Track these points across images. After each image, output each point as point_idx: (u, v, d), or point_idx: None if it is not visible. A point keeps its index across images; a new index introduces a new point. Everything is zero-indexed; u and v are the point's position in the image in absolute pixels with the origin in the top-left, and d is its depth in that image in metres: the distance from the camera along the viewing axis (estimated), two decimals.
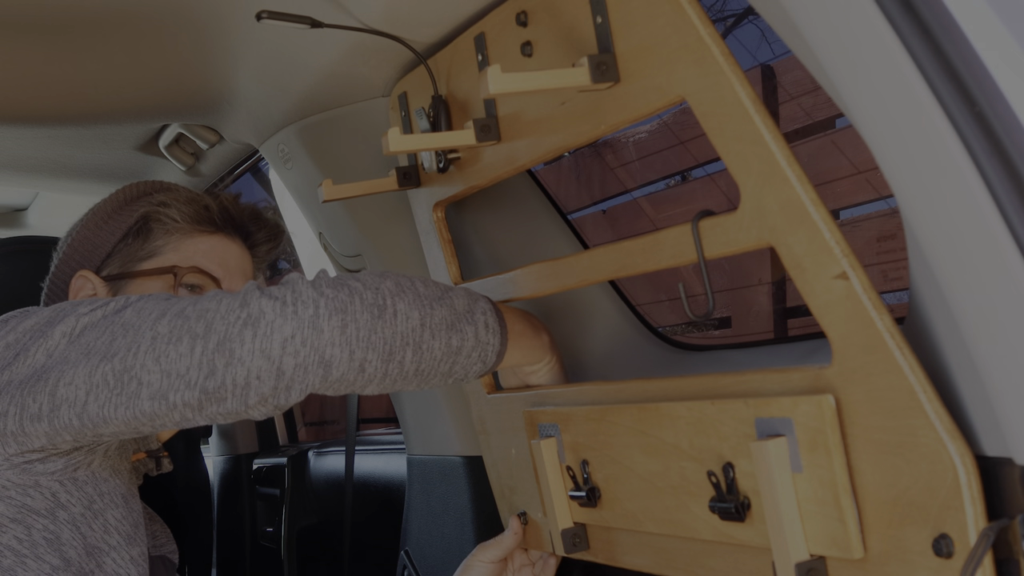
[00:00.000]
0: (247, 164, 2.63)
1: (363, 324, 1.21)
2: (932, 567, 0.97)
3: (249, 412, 1.22)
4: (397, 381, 1.27)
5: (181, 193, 1.64)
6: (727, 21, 3.24)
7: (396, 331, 1.23)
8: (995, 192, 0.83)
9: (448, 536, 1.96)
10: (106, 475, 1.43)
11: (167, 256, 1.60)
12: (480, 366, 1.35)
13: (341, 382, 1.23)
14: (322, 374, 1.20)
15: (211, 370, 1.19)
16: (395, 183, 1.71)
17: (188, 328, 1.20)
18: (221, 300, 1.22)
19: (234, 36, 1.72)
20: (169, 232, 1.61)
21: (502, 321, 1.36)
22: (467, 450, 1.92)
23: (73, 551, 1.36)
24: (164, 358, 1.20)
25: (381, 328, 1.22)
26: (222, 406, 1.21)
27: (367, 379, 1.24)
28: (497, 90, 1.20)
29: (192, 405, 1.21)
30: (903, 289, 2.58)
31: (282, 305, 1.19)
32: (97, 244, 1.62)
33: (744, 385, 1.17)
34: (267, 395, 1.20)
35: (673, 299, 3.16)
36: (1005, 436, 0.91)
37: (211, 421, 1.25)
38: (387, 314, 1.23)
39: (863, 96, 0.92)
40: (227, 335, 1.18)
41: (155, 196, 1.64)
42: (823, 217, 1.02)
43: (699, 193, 3.29)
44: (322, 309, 1.19)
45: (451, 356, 1.30)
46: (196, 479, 3.25)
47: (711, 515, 1.22)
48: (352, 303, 1.21)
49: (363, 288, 1.23)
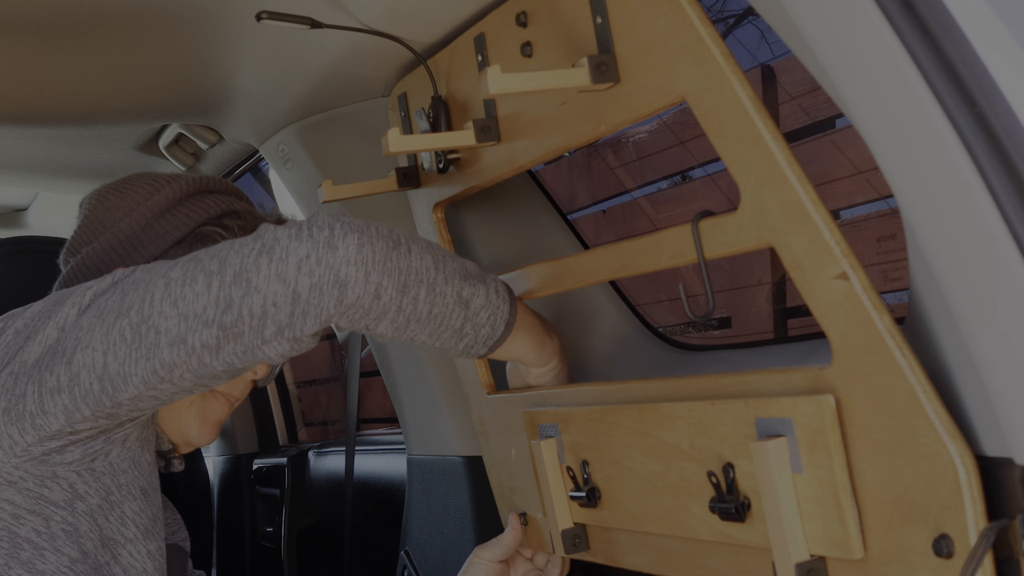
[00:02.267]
0: (247, 164, 2.63)
1: (379, 249, 1.21)
2: (932, 567, 0.97)
3: (266, 347, 1.21)
4: (411, 321, 1.26)
5: (248, 220, 1.58)
6: (727, 21, 3.24)
7: (411, 266, 1.24)
8: (995, 192, 0.83)
9: (448, 536, 1.96)
10: (125, 466, 1.41)
11: None
12: (489, 330, 1.33)
13: (356, 308, 1.21)
14: (337, 295, 1.19)
15: (228, 303, 1.18)
16: (395, 183, 1.71)
17: (202, 267, 1.20)
18: (233, 240, 1.22)
19: (234, 36, 1.72)
20: None
21: (512, 296, 1.36)
22: (467, 450, 1.92)
23: (90, 543, 1.35)
24: (181, 300, 1.20)
25: (396, 259, 1.22)
26: (239, 342, 1.20)
27: (382, 309, 1.23)
28: (497, 90, 1.20)
29: (210, 346, 1.20)
30: (903, 289, 2.58)
31: (297, 231, 1.19)
32: (145, 242, 1.54)
33: (744, 385, 1.17)
34: (284, 324, 1.19)
35: (673, 299, 3.15)
36: (1005, 436, 0.91)
37: (229, 365, 1.23)
38: (402, 248, 1.23)
39: (863, 96, 0.92)
40: (243, 266, 1.18)
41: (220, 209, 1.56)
42: (823, 217, 1.02)
43: (699, 193, 3.29)
44: (337, 231, 1.19)
45: (463, 308, 1.29)
46: (196, 479, 3.25)
47: (711, 515, 1.22)
48: (368, 229, 1.21)
49: (378, 225, 1.23)
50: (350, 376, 2.77)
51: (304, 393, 5.04)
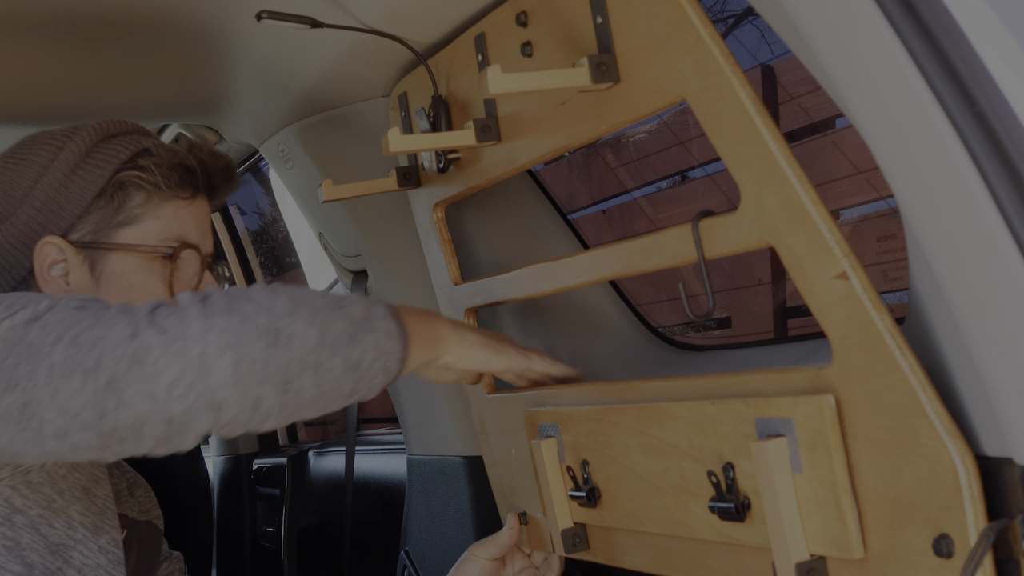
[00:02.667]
0: (247, 164, 2.63)
1: (257, 356, 1.11)
2: (932, 567, 0.97)
3: (155, 452, 1.13)
4: (297, 411, 1.17)
5: (162, 155, 1.50)
6: (727, 21, 3.23)
7: (293, 356, 1.13)
8: (995, 192, 0.83)
9: (448, 536, 1.96)
10: (63, 471, 1.37)
11: (147, 225, 1.48)
12: (383, 377, 1.24)
13: (234, 423, 1.13)
14: (213, 416, 1.10)
15: (102, 412, 1.09)
16: (395, 183, 1.71)
17: (80, 361, 1.10)
18: (114, 326, 1.11)
19: (234, 36, 1.72)
20: (147, 194, 1.48)
21: (400, 323, 1.25)
22: (467, 450, 1.92)
23: (35, 554, 1.32)
24: (59, 394, 1.10)
25: (277, 356, 1.12)
26: (124, 445, 1.12)
27: (263, 415, 1.14)
28: (497, 90, 1.20)
29: (94, 447, 1.12)
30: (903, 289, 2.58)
31: (168, 340, 1.08)
32: (63, 204, 1.46)
33: (744, 385, 1.17)
34: (161, 438, 1.11)
35: (673, 299, 3.15)
36: (1005, 436, 0.91)
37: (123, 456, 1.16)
38: (282, 338, 1.13)
39: (863, 96, 0.92)
40: (115, 373, 1.09)
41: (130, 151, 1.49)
42: (823, 217, 1.02)
43: (699, 193, 3.29)
44: (211, 346, 1.09)
45: (352, 372, 1.19)
46: (196, 479, 3.25)
47: (711, 515, 1.22)
48: (244, 333, 1.11)
49: (255, 311, 1.12)
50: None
51: None
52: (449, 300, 1.73)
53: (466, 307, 1.69)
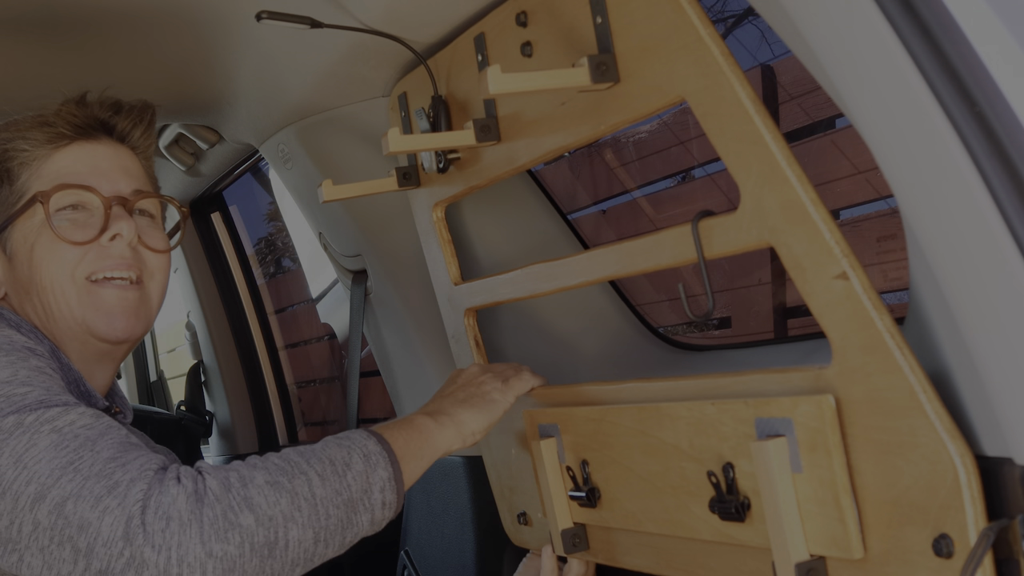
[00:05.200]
0: (247, 164, 2.63)
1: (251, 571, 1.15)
2: (932, 567, 0.97)
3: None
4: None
5: (24, 121, 1.51)
6: (727, 21, 3.23)
7: (287, 560, 1.18)
8: (995, 192, 0.83)
9: (448, 536, 1.96)
10: None
11: (32, 187, 1.47)
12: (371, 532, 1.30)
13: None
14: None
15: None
16: (395, 183, 1.71)
17: (70, 536, 1.14)
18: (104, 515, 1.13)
19: (234, 36, 1.72)
20: (28, 164, 1.48)
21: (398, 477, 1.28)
22: (467, 450, 1.92)
23: None
24: (47, 553, 1.15)
25: (271, 566, 1.17)
26: None
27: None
28: (497, 90, 1.20)
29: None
30: (903, 289, 2.58)
31: (166, 561, 1.11)
32: None
33: (744, 385, 1.17)
34: None
35: (673, 299, 3.15)
36: (1005, 436, 0.91)
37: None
38: (278, 549, 1.17)
39: (863, 96, 0.92)
40: (110, 568, 1.12)
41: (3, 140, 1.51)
42: (823, 217, 1.02)
43: (699, 193, 3.29)
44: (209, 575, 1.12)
45: (343, 547, 1.26)
46: None
47: (711, 515, 1.22)
48: (242, 556, 1.15)
49: (255, 525, 1.16)
50: (350, 376, 2.77)
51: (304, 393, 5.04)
52: (449, 300, 1.73)
53: (466, 307, 1.69)
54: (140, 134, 1.56)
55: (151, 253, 1.50)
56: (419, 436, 1.35)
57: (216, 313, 3.21)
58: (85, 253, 1.45)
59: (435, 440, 1.37)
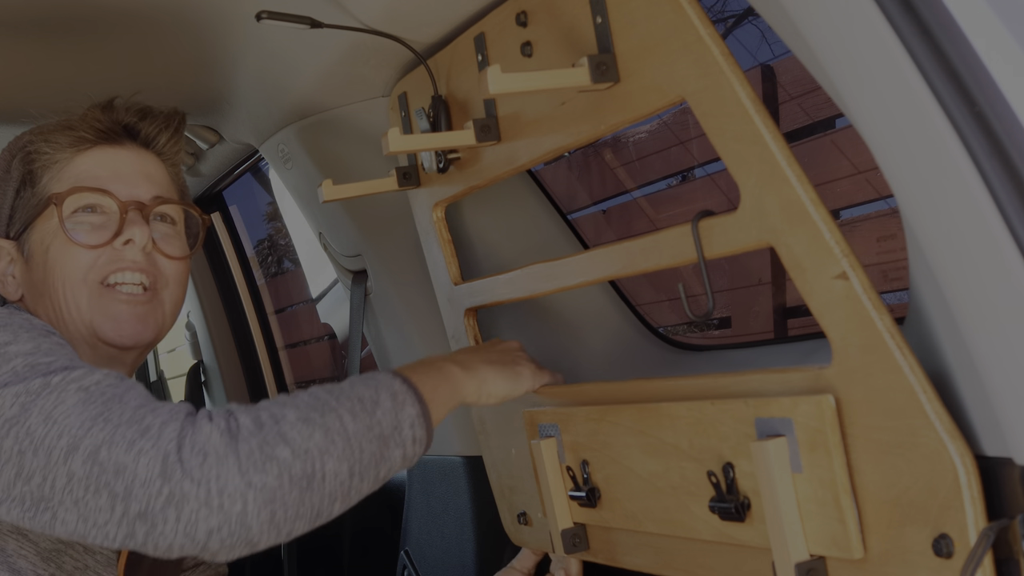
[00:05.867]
0: (247, 164, 2.63)
1: (292, 503, 1.17)
2: (932, 567, 0.97)
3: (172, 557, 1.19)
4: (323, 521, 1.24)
5: (50, 125, 1.54)
6: (727, 21, 3.23)
7: (325, 493, 1.20)
8: (995, 192, 0.83)
9: (448, 536, 1.96)
10: None
11: (51, 190, 1.49)
12: (404, 467, 1.32)
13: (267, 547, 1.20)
14: (248, 548, 1.18)
15: (131, 532, 1.15)
16: (395, 183, 1.71)
17: (106, 482, 1.15)
18: (139, 457, 1.15)
19: (234, 36, 1.72)
20: (49, 167, 1.51)
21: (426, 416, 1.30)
22: (467, 450, 1.92)
23: (23, 561, 1.32)
24: (83, 505, 1.16)
25: (310, 498, 1.19)
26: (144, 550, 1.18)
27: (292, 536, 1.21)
28: (497, 90, 1.20)
29: (112, 547, 1.18)
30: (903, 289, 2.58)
31: (207, 495, 1.13)
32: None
33: (744, 385, 1.17)
34: (191, 553, 1.17)
35: (673, 299, 3.15)
36: (1005, 436, 0.91)
37: None
38: (316, 481, 1.19)
39: (863, 96, 0.92)
40: (149, 508, 1.13)
41: (24, 138, 1.55)
42: (823, 217, 1.02)
43: (699, 193, 3.29)
44: (250, 504, 1.14)
45: (377, 483, 1.27)
46: None
47: (711, 515, 1.22)
48: (281, 487, 1.16)
49: (291, 457, 1.17)
50: (350, 376, 2.77)
51: None
52: (449, 300, 1.73)
53: (466, 307, 1.69)
54: (166, 140, 1.57)
55: (166, 260, 1.50)
56: (445, 382, 1.37)
57: (216, 313, 3.21)
58: (98, 257, 1.45)
59: (460, 387, 1.39)
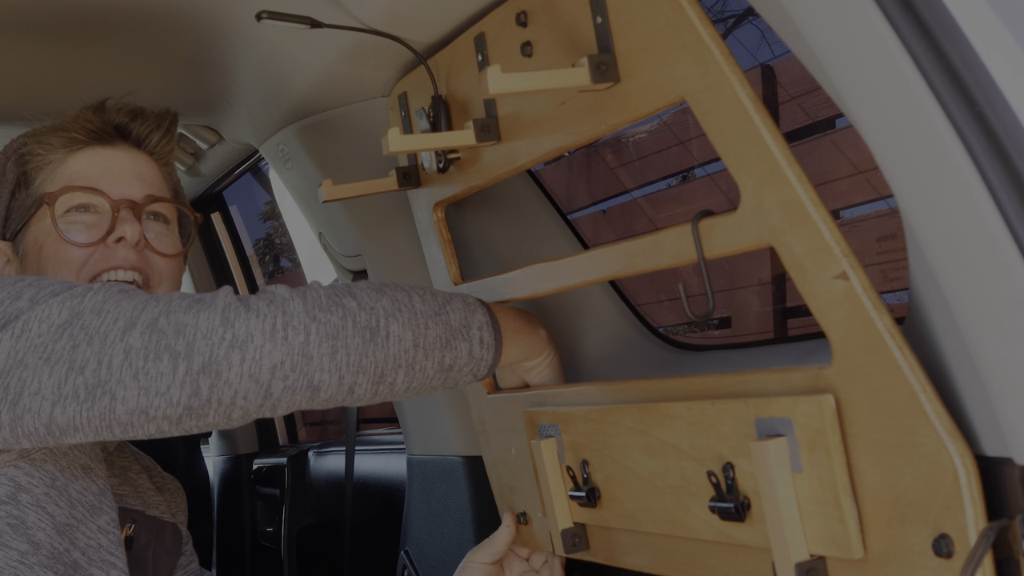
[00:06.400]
0: (247, 164, 2.63)
1: (354, 349, 1.19)
2: (932, 567, 0.97)
3: (230, 424, 1.21)
4: (387, 397, 1.27)
5: (43, 127, 1.57)
6: (727, 21, 3.24)
7: (388, 354, 1.22)
8: (995, 192, 0.83)
9: (448, 536, 1.96)
10: (64, 448, 1.38)
11: (44, 190, 1.51)
12: (471, 377, 1.34)
13: (330, 401, 1.22)
14: (310, 396, 1.19)
15: (195, 390, 1.16)
16: (395, 183, 1.71)
17: (167, 345, 1.17)
18: (199, 314, 1.18)
19: (234, 36, 1.72)
20: (43, 168, 1.53)
21: (497, 332, 1.34)
22: (467, 450, 1.92)
23: (42, 533, 1.32)
24: (143, 375, 1.17)
25: (373, 352, 1.21)
26: (202, 420, 1.19)
27: (356, 399, 1.23)
28: (497, 90, 1.20)
29: (171, 419, 1.19)
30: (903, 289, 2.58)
31: (272, 328, 1.16)
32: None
33: (744, 385, 1.17)
34: (252, 411, 1.19)
35: (673, 299, 3.15)
36: (1005, 436, 0.91)
37: (185, 432, 1.23)
38: (379, 337, 1.21)
39: (863, 96, 0.92)
40: (212, 357, 1.16)
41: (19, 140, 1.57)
42: (823, 217, 1.02)
43: (699, 193, 3.29)
44: (313, 335, 1.17)
45: (443, 373, 1.29)
46: (196, 479, 3.25)
47: (711, 515, 1.22)
48: (344, 327, 1.19)
49: (357, 308, 1.21)
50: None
51: None
52: None
53: None
54: (158, 139, 1.58)
55: (159, 257, 1.51)
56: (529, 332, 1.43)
57: None
58: (90, 255, 1.47)
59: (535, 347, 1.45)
